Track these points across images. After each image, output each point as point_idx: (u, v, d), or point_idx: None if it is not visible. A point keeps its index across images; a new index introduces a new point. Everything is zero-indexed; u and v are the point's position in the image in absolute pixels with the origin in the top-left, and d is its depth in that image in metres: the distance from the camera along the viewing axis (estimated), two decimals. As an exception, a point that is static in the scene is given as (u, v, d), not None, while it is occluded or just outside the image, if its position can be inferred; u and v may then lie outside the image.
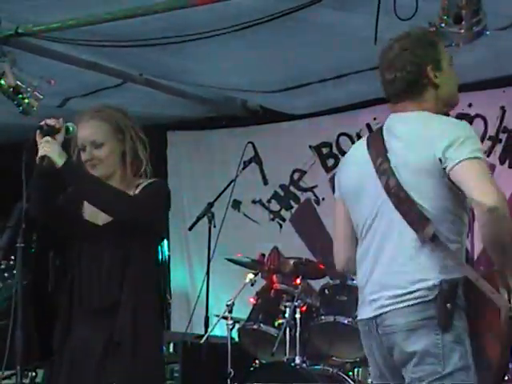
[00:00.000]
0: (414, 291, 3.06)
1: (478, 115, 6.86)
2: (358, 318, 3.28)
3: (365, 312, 3.22)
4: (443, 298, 3.02)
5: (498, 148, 6.79)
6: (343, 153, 7.45)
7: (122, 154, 3.73)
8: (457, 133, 3.09)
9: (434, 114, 3.25)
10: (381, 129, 3.32)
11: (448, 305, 3.01)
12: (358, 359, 5.67)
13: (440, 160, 3.05)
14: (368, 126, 7.32)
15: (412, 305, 3.05)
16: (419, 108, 3.25)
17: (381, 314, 3.12)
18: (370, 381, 5.52)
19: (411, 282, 3.07)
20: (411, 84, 3.26)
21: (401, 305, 3.07)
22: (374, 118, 7.28)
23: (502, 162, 6.78)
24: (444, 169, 3.05)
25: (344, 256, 3.39)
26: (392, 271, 3.14)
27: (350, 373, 5.66)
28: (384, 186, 3.15)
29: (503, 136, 6.77)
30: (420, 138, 3.15)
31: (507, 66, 6.45)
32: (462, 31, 4.96)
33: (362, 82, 6.52)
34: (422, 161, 3.10)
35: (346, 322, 5.61)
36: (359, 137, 7.35)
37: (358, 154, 3.36)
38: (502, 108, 6.73)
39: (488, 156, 6.79)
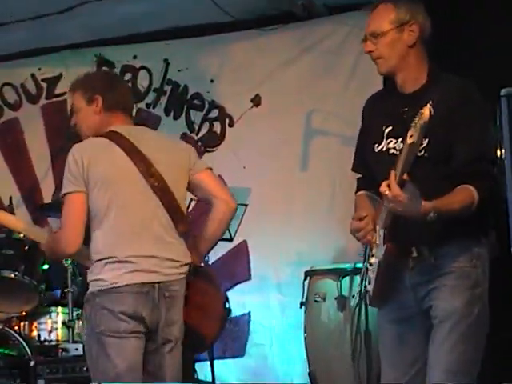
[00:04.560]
0: None
1: (142, 67, 6.94)
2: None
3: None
4: None
5: (163, 100, 6.91)
6: (7, 104, 7.25)
7: None
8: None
9: None
10: (118, 134, 3.73)
11: None
12: (24, 313, 5.61)
13: (189, 169, 3.79)
14: (33, 76, 7.16)
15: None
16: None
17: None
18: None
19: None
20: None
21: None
22: (39, 69, 7.15)
23: (167, 114, 6.93)
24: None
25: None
26: None
27: (17, 327, 5.58)
28: (151, 186, 3.66)
29: (168, 88, 6.90)
30: (175, 148, 3.89)
31: (169, 19, 6.55)
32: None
33: (24, 30, 6.37)
34: (181, 169, 3.76)
35: (12, 275, 5.51)
36: (24, 87, 7.19)
37: (110, 154, 3.68)
38: (166, 60, 6.86)
39: (154, 108, 6.93)
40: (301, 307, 5.32)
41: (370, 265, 3.24)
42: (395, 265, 3.20)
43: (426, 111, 2.96)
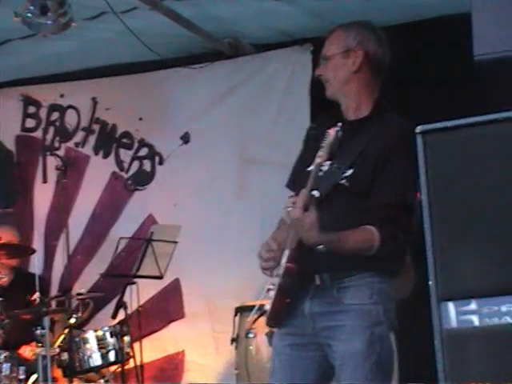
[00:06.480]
0: None
1: (70, 106, 6.91)
2: None
3: None
4: None
5: (92, 139, 6.88)
6: None
7: None
8: None
9: None
10: None
11: None
12: None
13: None
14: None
15: None
16: None
17: None
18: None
19: None
20: None
21: None
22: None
23: (96, 153, 6.89)
24: None
25: None
26: None
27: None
28: None
29: (96, 127, 6.87)
30: None
31: (96, 57, 6.55)
32: (49, 22, 4.98)
33: None
34: None
35: None
36: None
37: None
38: (94, 99, 6.84)
39: (82, 147, 6.89)
40: (232, 343, 5.30)
41: (273, 285, 3.17)
42: (295, 289, 3.14)
43: (332, 132, 3.01)
